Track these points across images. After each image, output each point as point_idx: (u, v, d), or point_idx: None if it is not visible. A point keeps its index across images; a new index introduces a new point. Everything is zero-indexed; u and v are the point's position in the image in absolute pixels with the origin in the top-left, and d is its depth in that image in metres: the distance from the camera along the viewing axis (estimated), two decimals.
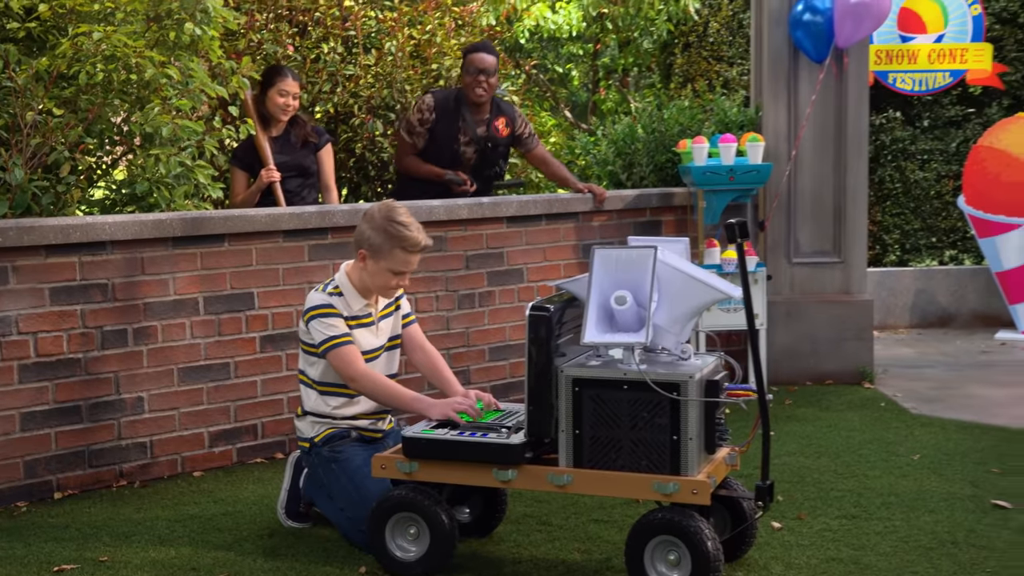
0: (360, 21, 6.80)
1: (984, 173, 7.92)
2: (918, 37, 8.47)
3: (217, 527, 4.09)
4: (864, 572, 3.63)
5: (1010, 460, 4.94)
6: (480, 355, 5.71)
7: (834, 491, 4.50)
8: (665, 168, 6.61)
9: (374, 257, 3.86)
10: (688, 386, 3.32)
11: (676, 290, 3.48)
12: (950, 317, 8.57)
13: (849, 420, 5.65)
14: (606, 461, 3.42)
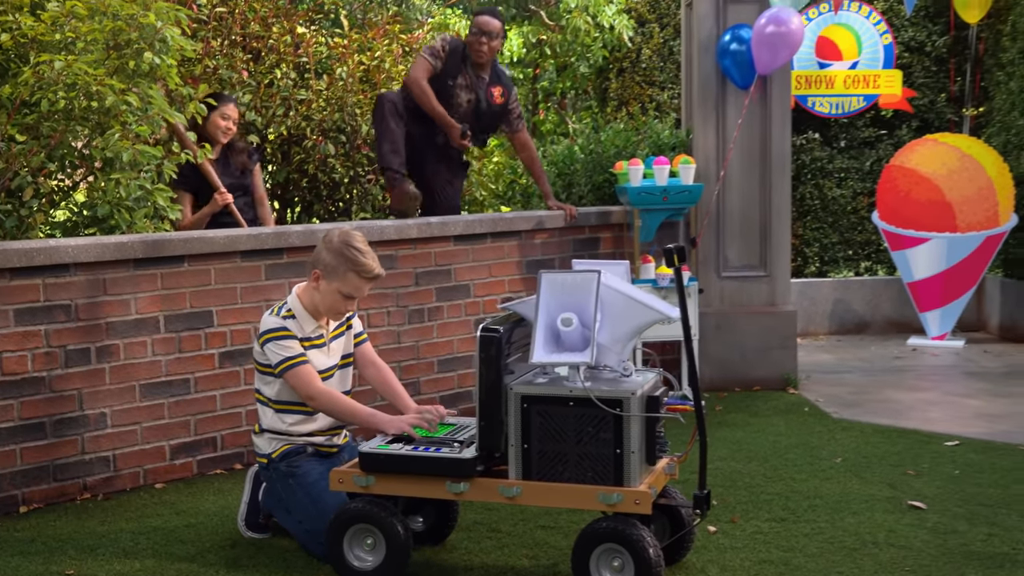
0: (312, 48, 6.74)
1: (896, 190, 8.02)
2: (834, 64, 8.57)
3: (180, 539, 4.01)
4: (794, 573, 3.65)
5: (923, 462, 4.99)
6: (429, 367, 5.66)
7: (764, 494, 4.52)
8: (602, 188, 6.62)
9: (328, 278, 3.82)
10: (630, 402, 3.32)
11: (618, 311, 3.47)
12: (866, 324, 8.68)
13: (776, 425, 5.68)
14: (553, 474, 3.41)
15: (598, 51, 8.66)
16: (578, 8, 8.48)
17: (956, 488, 4.60)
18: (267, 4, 6.78)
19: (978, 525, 4.13)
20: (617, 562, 3.35)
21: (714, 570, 3.67)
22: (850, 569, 3.68)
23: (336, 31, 7.20)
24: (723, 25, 6.44)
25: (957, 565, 3.71)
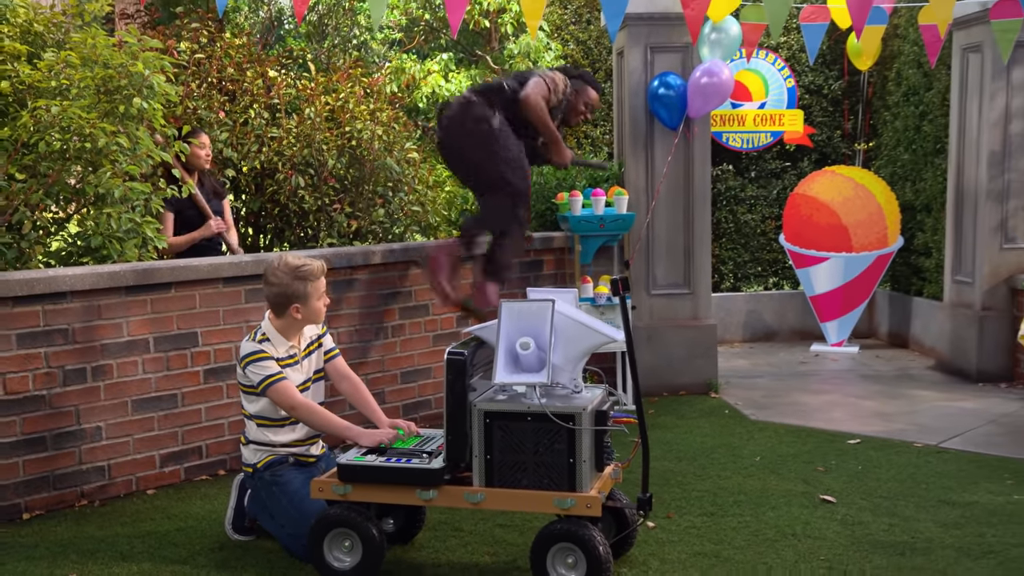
0: (282, 90, 6.68)
1: (799, 215, 8.11)
2: (745, 104, 8.66)
3: (172, 542, 3.95)
4: (724, 564, 3.69)
5: (830, 459, 5.06)
6: (393, 379, 5.63)
7: (694, 492, 4.56)
8: (545, 216, 6.62)
9: (304, 302, 3.83)
10: (582, 417, 3.34)
11: (570, 335, 3.49)
12: (774, 333, 8.78)
13: (701, 427, 5.72)
14: (513, 481, 3.42)
15: None
16: (520, 54, 8.50)
17: (860, 483, 4.68)
18: (241, 50, 6.72)
19: (881, 516, 4.20)
20: (571, 559, 3.36)
21: (655, 563, 3.69)
22: (773, 559, 3.73)
23: (304, 74, 7.14)
24: (651, 71, 6.49)
25: (865, 553, 3.78)
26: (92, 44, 5.10)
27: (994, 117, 6.81)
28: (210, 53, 6.56)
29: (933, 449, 5.24)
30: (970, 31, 6.94)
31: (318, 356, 4.05)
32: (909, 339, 8.23)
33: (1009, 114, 6.81)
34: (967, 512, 4.23)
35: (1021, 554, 3.75)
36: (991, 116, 6.81)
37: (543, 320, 3.41)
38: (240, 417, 4.82)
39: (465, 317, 5.55)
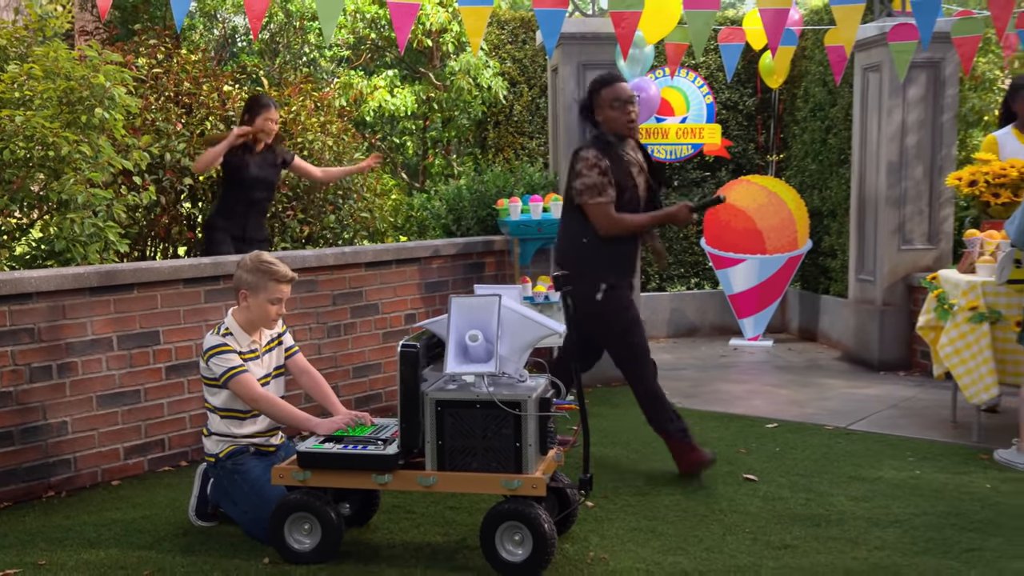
0: (237, 103, 6.58)
1: (718, 221, 8.18)
2: (668, 119, 8.74)
3: (138, 529, 3.86)
4: (659, 538, 3.71)
5: (751, 442, 5.12)
6: (346, 374, 5.57)
7: (629, 474, 4.58)
8: (486, 221, 6.62)
9: (253, 293, 3.77)
10: (527, 404, 3.34)
11: (515, 328, 3.48)
12: (696, 329, 8.86)
13: (633, 415, 5.69)
14: (464, 464, 3.41)
15: (478, 107, 8.67)
16: (461, 71, 8.48)
17: (778, 463, 4.74)
18: (197, 66, 6.61)
19: (798, 492, 4.26)
20: (518, 536, 3.36)
21: (595, 539, 3.70)
22: (703, 533, 3.77)
23: (257, 89, 7.05)
24: (583, 87, 6.50)
25: (785, 525, 3.83)
26: (54, 57, 4.99)
27: (892, 131, 6.95)
28: (167, 68, 6.44)
29: (842, 431, 5.33)
30: (870, 52, 7.08)
31: (278, 353, 4.00)
32: (818, 333, 8.36)
33: (905, 128, 6.95)
34: (874, 487, 4.32)
35: (924, 523, 3.84)
36: (889, 130, 6.95)
37: (490, 314, 3.40)
38: (201, 411, 4.75)
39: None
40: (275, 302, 3.80)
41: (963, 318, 4.93)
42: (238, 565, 3.46)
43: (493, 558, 3.37)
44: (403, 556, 3.54)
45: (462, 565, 3.45)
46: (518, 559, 3.34)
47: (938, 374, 5.34)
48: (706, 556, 3.51)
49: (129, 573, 3.39)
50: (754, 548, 3.59)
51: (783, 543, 3.63)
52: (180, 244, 6.52)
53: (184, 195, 6.36)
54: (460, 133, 9.06)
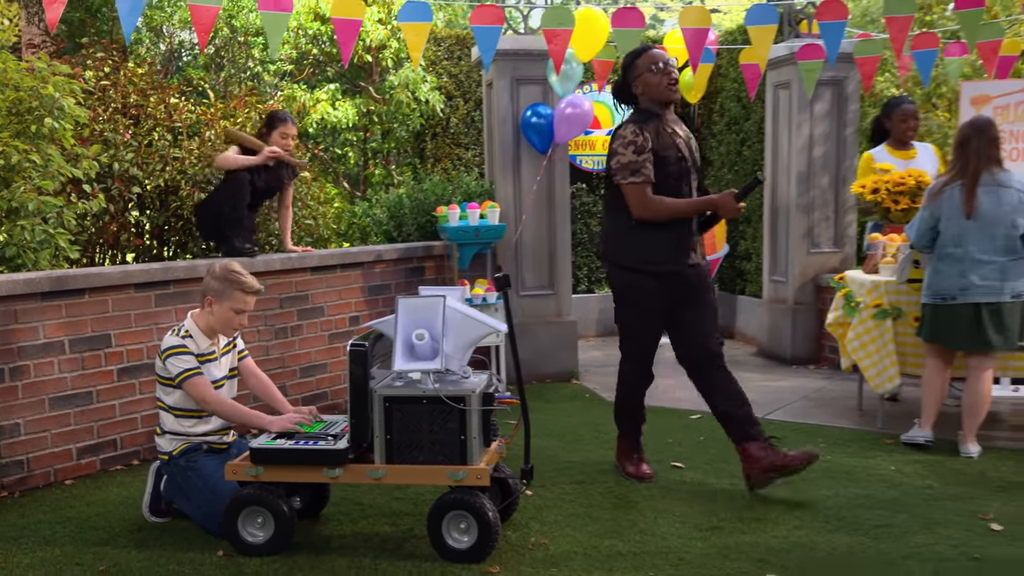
0: (183, 115, 6.45)
1: None
2: (595, 131, 8.82)
3: (92, 526, 3.75)
4: (595, 523, 3.73)
5: (677, 433, 5.19)
6: (293, 374, 5.50)
7: (564, 463, 4.59)
8: (426, 227, 6.59)
9: (219, 301, 3.70)
10: (471, 399, 3.33)
11: (459, 327, 3.48)
12: None
13: (566, 409, 5.78)
14: (411, 457, 3.38)
15: (416, 119, 8.64)
16: (400, 85, 8.44)
17: (703, 451, 4.81)
18: (144, 78, 6.47)
19: (722, 478, 4.33)
20: (463, 524, 3.35)
21: (535, 525, 3.71)
22: (636, 517, 3.80)
23: (204, 101, 6.92)
24: (517, 101, 6.54)
25: (711, 509, 3.89)
26: (3, 68, 4.84)
27: (800, 143, 7.12)
28: (115, 81, 6.28)
29: (760, 420, 5.41)
30: (780, 71, 7.24)
31: (233, 356, 3.93)
32: (735, 331, 8.51)
33: (812, 141, 7.13)
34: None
35: (836, 503, 3.92)
36: (798, 143, 7.12)
37: (436, 314, 3.39)
38: (152, 411, 4.64)
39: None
40: (239, 312, 3.74)
41: (868, 315, 5.07)
42: (193, 558, 3.39)
43: (440, 546, 3.35)
44: (353, 546, 3.51)
45: (410, 553, 3.42)
46: (464, 546, 3.33)
47: (846, 366, 5.47)
48: (640, 539, 3.54)
49: (85, 569, 3.29)
50: (684, 530, 3.63)
51: (710, 525, 3.68)
52: (128, 251, 6.36)
53: (132, 204, 6.21)
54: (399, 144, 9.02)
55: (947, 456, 4.60)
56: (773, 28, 5.71)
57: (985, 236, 4.44)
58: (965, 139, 4.53)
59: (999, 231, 4.43)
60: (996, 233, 4.43)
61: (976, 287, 4.46)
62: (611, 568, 3.25)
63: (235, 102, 6.90)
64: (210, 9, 4.90)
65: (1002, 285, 4.45)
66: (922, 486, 4.16)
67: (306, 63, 8.84)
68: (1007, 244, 4.44)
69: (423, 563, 3.32)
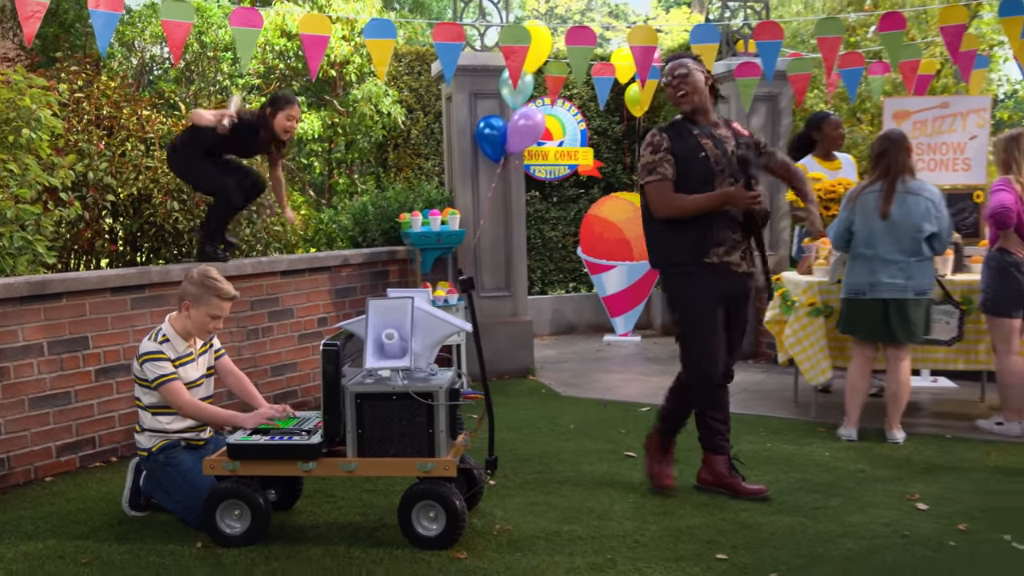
0: (155, 126, 6.36)
1: (592, 232, 8.30)
2: (547, 143, 8.86)
3: (73, 520, 3.68)
4: (555, 510, 3.75)
5: (628, 424, 5.22)
6: (264, 373, 5.44)
7: (524, 455, 4.60)
8: (389, 233, 6.57)
9: (195, 305, 3.65)
10: (439, 394, 3.33)
11: (427, 326, 3.47)
12: (574, 327, 8.99)
13: (525, 403, 5.80)
14: (381, 451, 3.36)
15: (378, 131, 8.60)
16: (363, 99, 8.39)
17: None
18: (117, 91, 6.36)
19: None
20: (432, 513, 3.34)
21: (499, 512, 3.72)
22: (594, 504, 3.82)
23: (175, 113, 6.82)
24: (474, 114, 6.55)
25: (663, 495, 3.93)
26: None
27: None
28: (88, 93, 6.17)
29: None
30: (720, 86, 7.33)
31: (209, 356, 3.88)
32: None
33: None
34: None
35: (777, 487, 3.98)
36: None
37: (404, 314, 3.38)
38: (129, 410, 4.57)
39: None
40: (215, 317, 3.70)
41: (803, 312, 5.16)
42: (173, 550, 3.34)
43: (410, 533, 3.35)
44: (327, 536, 3.49)
45: (382, 541, 3.41)
46: (433, 534, 3.33)
47: (782, 361, 5.56)
48: (598, 524, 3.56)
49: (68, 562, 3.23)
50: (638, 514, 3.66)
51: (662, 510, 3.72)
52: (102, 256, 6.25)
53: (106, 211, 6.10)
54: (362, 155, 8.96)
55: (876, 443, 4.70)
56: (715, 46, 5.80)
57: (894, 238, 4.57)
58: (883, 150, 4.65)
59: (907, 234, 4.55)
60: (904, 236, 4.56)
61: (884, 284, 4.60)
62: (572, 552, 3.27)
63: None
64: (182, 25, 4.85)
65: (907, 284, 4.58)
66: (855, 470, 4.25)
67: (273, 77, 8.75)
68: (913, 247, 4.57)
69: (394, 550, 3.31)
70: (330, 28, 5.14)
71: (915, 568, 3.08)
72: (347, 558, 3.25)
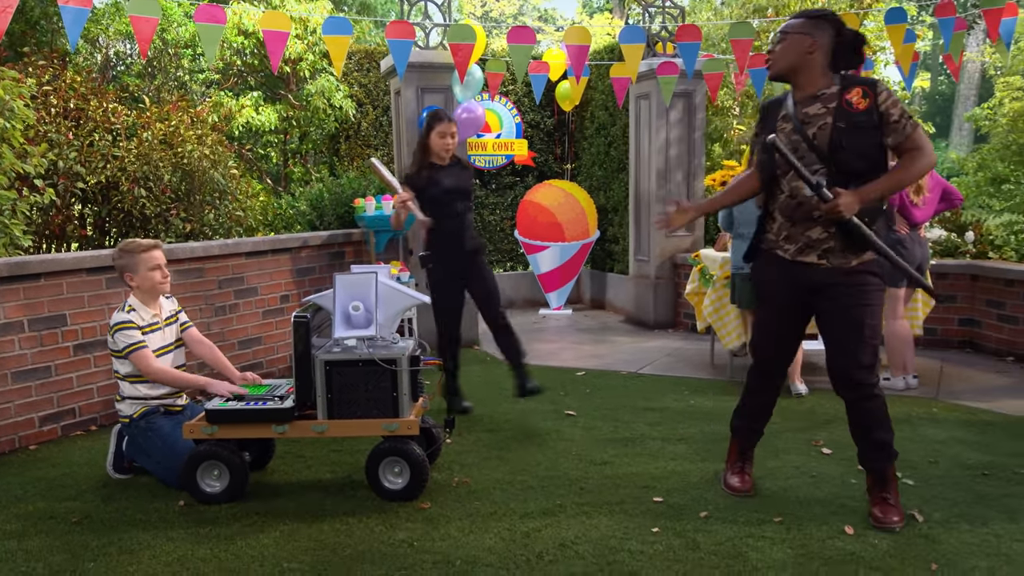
0: (121, 118, 6.16)
1: (527, 216, 8.33)
2: (486, 135, 8.84)
3: (60, 484, 3.58)
4: (506, 463, 3.79)
5: (567, 387, 5.27)
6: (232, 347, 5.35)
7: (476, 415, 4.62)
8: (344, 217, 6.50)
9: (133, 271, 3.60)
10: (401, 361, 3.33)
11: (389, 299, 3.47)
12: (513, 302, 9.03)
13: (473, 371, 5.80)
14: (350, 413, 3.36)
15: (331, 123, 8.47)
16: (316, 93, 8.24)
17: (590, 401, 4.92)
18: (84, 84, 6.13)
19: (607, 422, 4.45)
20: (397, 468, 3.36)
21: (456, 467, 3.75)
22: (539, 454, 3.87)
23: (139, 105, 6.61)
24: (421, 107, 6.50)
25: (602, 447, 3.99)
26: None
27: (659, 145, 7.33)
28: (56, 87, 5.94)
29: (634, 375, 5.61)
30: (641, 84, 7.42)
31: (176, 327, 3.80)
32: (606, 302, 8.71)
33: (668, 143, 7.35)
34: (663, 415, 4.58)
35: (701, 438, 4.11)
36: (656, 144, 7.33)
37: (369, 288, 3.38)
38: (108, 382, 4.45)
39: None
40: (155, 268, 3.62)
41: (720, 284, 5.30)
42: (157, 508, 3.29)
43: (378, 487, 3.36)
44: (300, 492, 3.47)
45: (351, 495, 3.41)
46: (399, 487, 3.35)
47: (701, 328, 5.71)
48: (545, 474, 3.62)
49: (59, 522, 3.15)
50: (580, 465, 3.73)
51: (602, 460, 3.80)
52: (73, 240, 6.05)
53: (75, 198, 5.90)
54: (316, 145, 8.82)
55: (783, 397, 4.86)
56: (642, 46, 5.86)
57: None
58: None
59: None
60: None
61: None
62: (525, 499, 3.33)
63: (169, 107, 6.63)
64: (149, 20, 4.69)
65: None
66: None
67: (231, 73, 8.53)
68: None
69: (364, 502, 3.32)
70: (289, 25, 5.03)
71: (823, 502, 3.22)
72: (320, 509, 3.25)
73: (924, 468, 3.59)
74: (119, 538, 2.99)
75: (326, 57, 8.51)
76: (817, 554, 2.76)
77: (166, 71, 7.91)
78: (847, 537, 2.89)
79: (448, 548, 2.86)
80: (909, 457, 3.73)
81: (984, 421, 4.31)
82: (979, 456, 3.73)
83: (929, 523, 2.99)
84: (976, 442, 3.94)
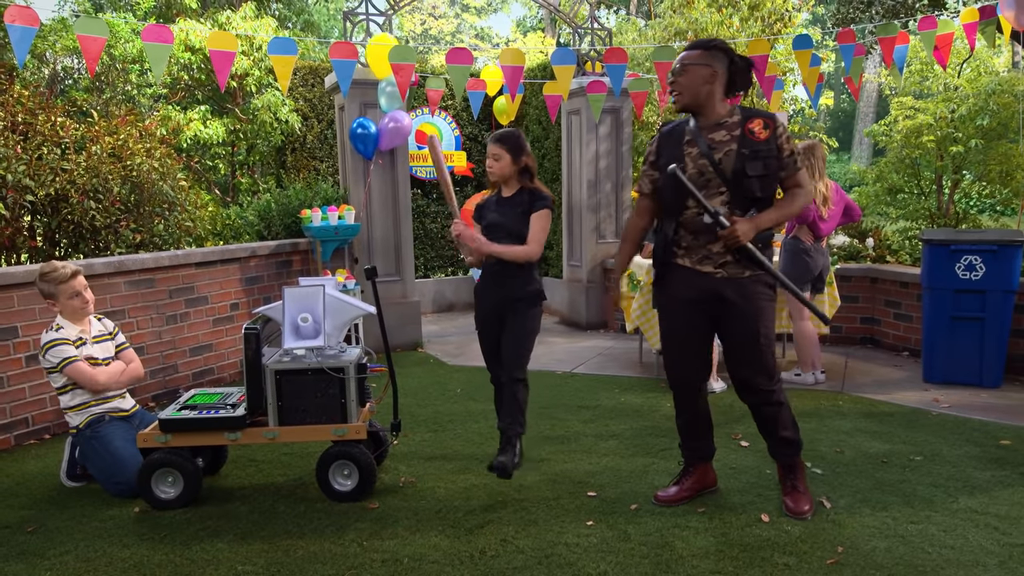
0: (70, 131, 5.94)
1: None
2: (426, 147, 8.80)
3: (14, 494, 3.46)
4: (451, 462, 3.79)
5: None
6: (184, 354, 5.23)
7: (420, 416, 4.62)
8: (291, 227, 6.41)
9: (54, 299, 3.52)
10: (349, 369, 3.31)
11: (336, 310, 3.44)
12: (453, 305, 9.04)
13: (416, 372, 5.79)
14: (300, 419, 3.33)
15: (277, 136, 8.32)
16: (263, 107, 8.09)
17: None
18: (32, 98, 5.90)
19: (544, 420, 4.48)
20: (346, 471, 3.35)
21: (402, 467, 3.74)
22: (482, 456, 3.88)
23: (88, 119, 6.39)
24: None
25: (539, 445, 4.03)
26: None
27: (589, 157, 7.43)
28: (3, 101, 5.70)
29: (568, 374, 5.67)
30: (573, 101, 7.51)
31: (110, 345, 3.68)
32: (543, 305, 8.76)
33: (598, 156, 7.45)
34: (596, 412, 4.64)
35: (632, 434, 4.18)
36: (587, 156, 7.42)
37: (317, 300, 3.35)
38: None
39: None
40: (74, 296, 3.52)
41: (647, 289, 5.40)
42: (113, 515, 3.20)
43: (328, 489, 3.34)
44: (253, 495, 3.42)
45: (302, 497, 3.38)
46: (348, 488, 3.33)
47: (630, 329, 5.79)
48: (487, 473, 3.63)
49: (14, 531, 3.05)
50: (521, 463, 3.76)
51: (540, 457, 3.84)
52: (23, 252, 5.81)
53: (25, 211, 5.67)
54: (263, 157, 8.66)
55: None
56: (572, 67, 5.94)
57: None
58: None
59: None
60: None
61: None
62: (468, 496, 3.34)
63: (117, 120, 6.42)
64: (97, 40, 4.56)
65: None
66: None
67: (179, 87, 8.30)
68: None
69: (314, 504, 3.30)
70: (236, 44, 4.94)
71: (742, 492, 3.33)
72: (272, 512, 3.21)
73: (832, 458, 3.73)
74: (75, 546, 2.91)
75: (272, 73, 8.37)
76: (737, 541, 2.85)
77: (114, 86, 7.66)
78: (763, 525, 2.99)
79: (396, 546, 2.86)
80: (818, 448, 3.87)
81: (884, 412, 4.50)
82: (880, 445, 3.90)
83: (836, 509, 3.12)
84: (877, 432, 4.12)
